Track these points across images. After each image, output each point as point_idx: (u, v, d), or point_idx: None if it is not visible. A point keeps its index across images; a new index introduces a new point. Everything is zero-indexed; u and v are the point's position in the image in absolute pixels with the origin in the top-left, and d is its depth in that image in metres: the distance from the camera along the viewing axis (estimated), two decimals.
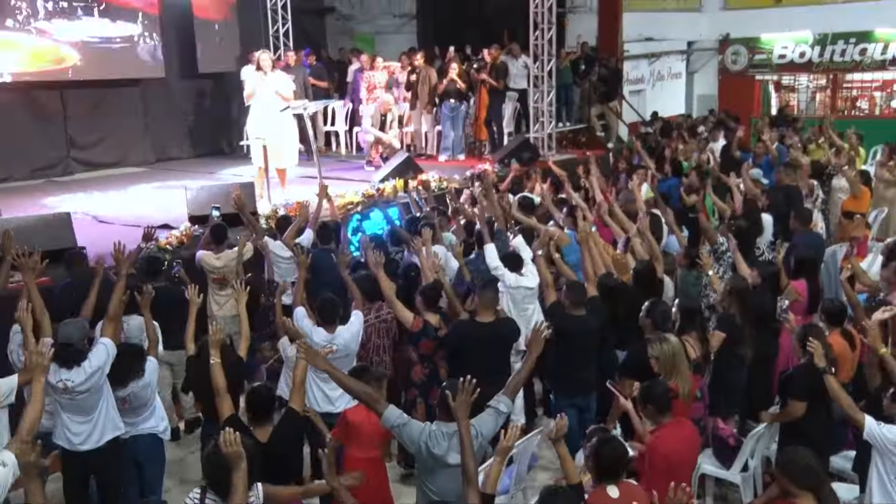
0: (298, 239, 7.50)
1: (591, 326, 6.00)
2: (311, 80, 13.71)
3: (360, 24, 19.34)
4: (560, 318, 5.92)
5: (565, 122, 15.84)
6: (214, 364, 4.67)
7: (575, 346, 5.96)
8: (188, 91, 13.84)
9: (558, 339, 6.08)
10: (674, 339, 5.04)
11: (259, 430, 4.47)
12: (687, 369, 5.08)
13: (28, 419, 3.88)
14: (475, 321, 5.81)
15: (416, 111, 13.16)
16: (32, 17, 11.62)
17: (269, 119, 9.68)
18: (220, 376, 4.64)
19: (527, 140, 12.47)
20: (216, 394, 4.60)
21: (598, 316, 6.08)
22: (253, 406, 4.53)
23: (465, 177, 10.66)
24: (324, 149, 14.26)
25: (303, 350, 4.43)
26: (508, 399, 4.41)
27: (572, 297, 5.95)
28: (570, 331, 5.90)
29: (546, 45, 12.83)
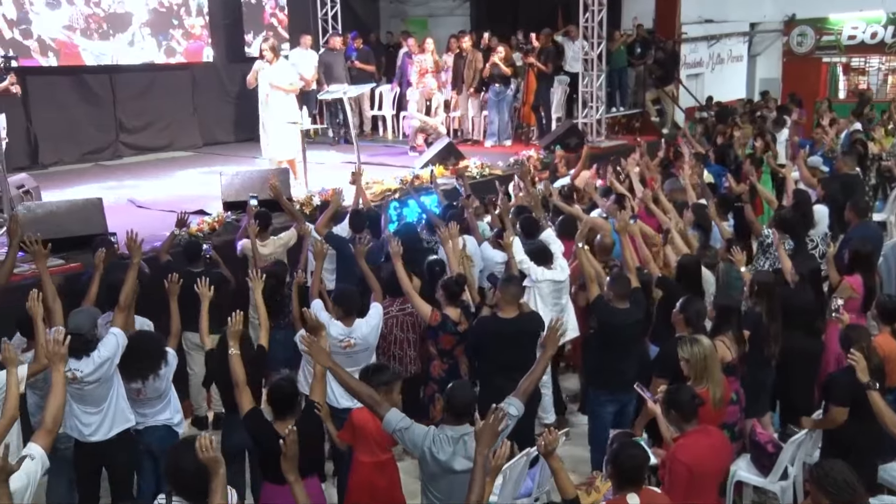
0: (336, 228, 7.36)
1: (635, 319, 5.77)
2: (358, 63, 13.64)
3: (414, 6, 19.15)
4: (604, 311, 5.73)
5: (619, 106, 15.44)
6: (234, 355, 4.54)
7: (618, 340, 5.73)
8: (236, 75, 13.77)
9: (601, 332, 5.93)
10: (706, 341, 4.75)
11: (281, 424, 4.32)
12: (720, 373, 4.79)
13: (51, 410, 3.80)
14: (497, 317, 5.61)
15: (463, 96, 12.93)
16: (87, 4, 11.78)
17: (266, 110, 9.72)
18: (240, 368, 4.51)
19: (574, 126, 12.15)
20: (235, 386, 4.48)
21: (641, 308, 5.84)
22: (275, 400, 4.39)
23: (510, 163, 10.40)
24: (370, 133, 14.21)
25: (307, 344, 4.28)
26: (519, 401, 4.21)
27: (617, 289, 5.71)
28: (615, 324, 5.70)
29: (596, 28, 12.45)
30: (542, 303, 6.62)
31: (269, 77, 9.62)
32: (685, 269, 6.37)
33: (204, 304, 5.21)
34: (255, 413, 4.34)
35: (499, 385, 5.48)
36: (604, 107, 13.07)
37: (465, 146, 12.50)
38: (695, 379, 4.71)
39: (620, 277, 5.78)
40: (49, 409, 3.78)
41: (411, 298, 5.92)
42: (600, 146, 12.30)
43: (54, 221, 6.93)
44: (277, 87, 9.63)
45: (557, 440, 3.88)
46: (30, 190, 8.15)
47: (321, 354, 4.29)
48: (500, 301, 5.60)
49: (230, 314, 5.13)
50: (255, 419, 4.30)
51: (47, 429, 3.72)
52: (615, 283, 5.73)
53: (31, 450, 3.62)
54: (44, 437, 3.71)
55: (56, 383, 3.83)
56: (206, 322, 5.19)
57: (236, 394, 4.44)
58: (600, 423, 5.77)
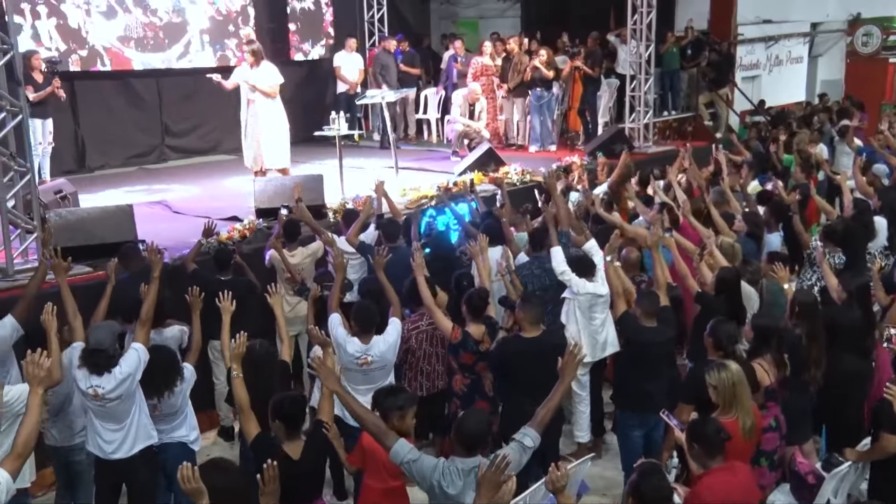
0: (361, 236, 7.23)
1: (664, 338, 5.55)
2: (403, 66, 13.54)
3: (465, 8, 18.99)
4: (632, 329, 5.52)
5: (670, 110, 15.07)
6: (236, 379, 4.40)
7: (646, 360, 5.52)
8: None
9: (628, 352, 5.69)
10: (735, 367, 4.46)
11: (290, 445, 4.19)
12: (750, 401, 4.50)
13: (23, 435, 3.66)
14: (520, 337, 5.40)
15: (508, 100, 12.71)
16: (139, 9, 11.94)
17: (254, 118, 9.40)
18: (244, 392, 4.37)
19: (620, 131, 11.84)
20: (240, 411, 4.36)
21: (670, 327, 5.60)
22: (286, 418, 4.23)
23: (552, 169, 10.12)
24: (415, 137, 14.09)
25: (315, 365, 4.13)
26: (535, 432, 4.00)
27: (645, 307, 5.50)
28: (642, 343, 5.49)
29: (645, 30, 12.11)
30: (581, 316, 6.40)
31: (252, 80, 9.30)
32: (725, 283, 6.07)
33: (225, 318, 5.09)
34: (263, 438, 4.21)
35: (523, 406, 5.27)
36: (651, 111, 12.69)
37: (509, 151, 12.30)
38: (723, 407, 4.43)
39: (648, 294, 5.56)
40: (21, 433, 3.65)
41: (432, 313, 5.73)
42: (647, 152, 11.96)
43: (85, 228, 6.94)
44: (259, 90, 9.29)
45: (566, 476, 3.65)
46: (67, 195, 8.18)
47: (329, 377, 4.15)
48: (522, 321, 5.39)
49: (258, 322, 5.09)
50: (263, 445, 4.16)
51: (17, 453, 3.60)
52: (643, 300, 5.52)
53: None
54: (12, 461, 3.58)
55: (31, 406, 3.70)
56: (228, 336, 5.06)
57: (241, 419, 4.31)
58: (630, 446, 5.53)
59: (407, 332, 5.95)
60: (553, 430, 5.53)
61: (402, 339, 5.85)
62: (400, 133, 14.07)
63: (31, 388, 3.75)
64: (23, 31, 10.73)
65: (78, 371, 4.65)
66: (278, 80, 9.28)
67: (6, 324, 5.06)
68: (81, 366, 4.63)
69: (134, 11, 11.97)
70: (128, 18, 11.92)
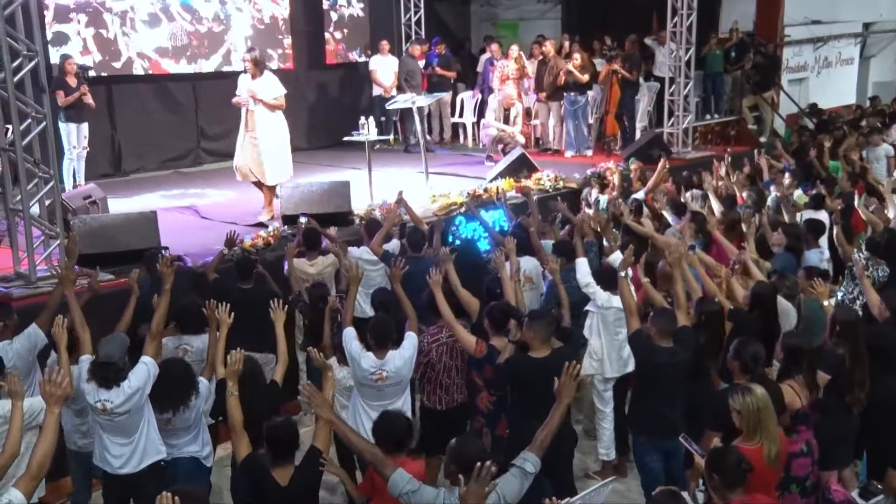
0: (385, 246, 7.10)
1: (679, 360, 5.24)
2: (439, 70, 13.44)
3: (505, 10, 18.82)
4: (644, 349, 5.25)
5: (713, 113, 14.73)
6: (232, 398, 4.30)
7: (659, 382, 5.23)
8: (315, 82, 13.80)
9: (640, 373, 5.45)
10: (759, 391, 4.23)
11: (279, 471, 4.08)
12: (776, 427, 4.26)
13: (38, 455, 3.59)
14: (528, 356, 5.14)
15: (544, 104, 12.50)
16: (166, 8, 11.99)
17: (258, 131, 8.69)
18: (238, 411, 4.28)
19: (658, 136, 11.56)
20: (231, 430, 4.26)
21: (688, 349, 5.31)
22: (272, 443, 4.14)
23: (586, 175, 9.93)
24: (450, 141, 13.96)
25: (307, 393, 3.99)
26: (535, 456, 3.83)
27: (660, 326, 5.20)
28: (655, 364, 5.20)
29: (685, 32, 11.81)
30: (605, 330, 6.21)
31: (255, 91, 8.62)
32: (759, 299, 5.81)
33: (222, 331, 4.99)
34: (252, 460, 4.10)
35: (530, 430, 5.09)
36: (691, 115, 12.38)
37: (544, 156, 12.12)
38: (747, 433, 4.20)
39: (664, 312, 5.28)
40: (36, 453, 3.57)
41: (453, 328, 5.54)
42: (685, 157, 11.67)
43: (108, 234, 6.93)
44: (261, 101, 8.57)
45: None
46: (96, 200, 8.21)
47: (322, 406, 4.01)
48: (532, 340, 5.13)
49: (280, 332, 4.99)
50: (251, 467, 4.05)
51: (32, 474, 3.52)
52: (658, 318, 5.21)
53: (10, 496, 3.43)
54: (27, 482, 3.50)
55: (47, 426, 3.61)
56: (223, 349, 4.95)
57: (232, 438, 4.21)
58: (648, 473, 5.28)
59: (427, 344, 5.79)
60: (564, 449, 5.36)
61: (422, 351, 5.69)
62: (436, 136, 13.98)
63: (49, 407, 3.68)
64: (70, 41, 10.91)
65: (86, 384, 4.58)
66: (282, 91, 8.72)
67: (30, 333, 5.03)
68: (90, 379, 4.56)
69: (178, 19, 12.05)
70: (172, 27, 12.02)
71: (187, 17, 12.17)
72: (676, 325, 5.25)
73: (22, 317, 5.33)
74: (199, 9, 12.28)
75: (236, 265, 6.64)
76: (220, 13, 12.50)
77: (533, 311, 5.38)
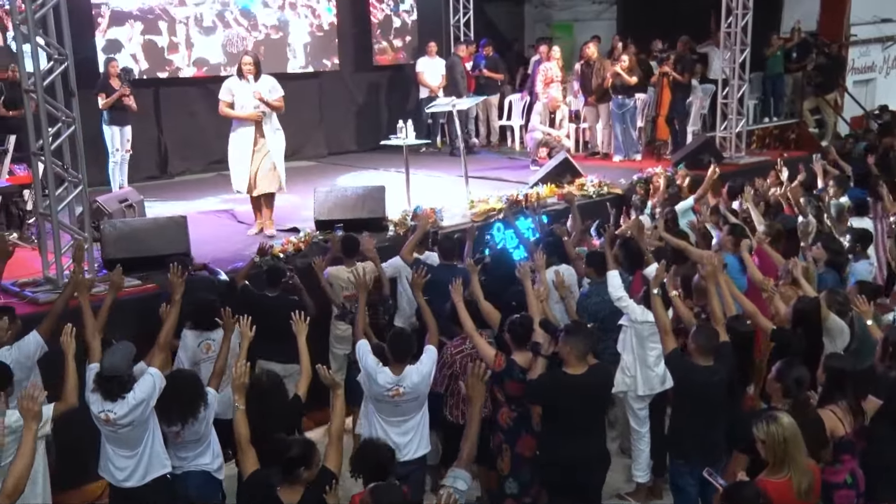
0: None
1: (720, 379, 4.98)
2: (486, 72, 13.26)
3: (559, 10, 18.54)
4: (682, 369, 5.00)
5: (772, 116, 14.21)
6: (238, 412, 4.18)
7: (701, 403, 4.97)
8: (362, 83, 13.72)
9: (679, 393, 5.18)
10: (786, 420, 3.91)
11: (287, 491, 3.94)
12: (806, 458, 3.94)
13: (13, 474, 3.51)
14: (564, 373, 4.92)
15: (592, 107, 12.19)
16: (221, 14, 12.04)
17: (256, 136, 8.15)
18: (244, 426, 4.17)
19: (709, 140, 11.14)
20: (238, 446, 4.14)
21: (727, 365, 5.04)
22: (284, 461, 3.97)
23: (632, 181, 9.61)
24: (497, 144, 13.74)
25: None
26: (464, 471, 3.68)
27: (701, 343, 4.94)
28: (696, 383, 4.95)
29: (740, 34, 11.37)
30: (638, 346, 5.95)
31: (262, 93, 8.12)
32: (802, 315, 5.46)
33: (243, 344, 4.89)
34: (258, 478, 3.95)
35: (565, 450, 4.92)
36: (745, 119, 11.92)
37: (592, 161, 11.81)
38: (773, 464, 3.91)
39: (705, 329, 5.00)
40: (12, 472, 3.48)
41: (473, 339, 5.34)
42: (738, 163, 11.23)
43: (137, 239, 6.88)
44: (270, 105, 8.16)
45: None
46: (133, 204, 8.21)
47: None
48: (568, 356, 4.91)
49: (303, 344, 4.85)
50: (257, 485, 3.91)
51: (7, 493, 3.44)
52: (699, 335, 4.95)
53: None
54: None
55: (25, 444, 3.52)
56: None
57: (238, 454, 4.08)
58: (682, 497, 5.03)
59: (451, 356, 5.61)
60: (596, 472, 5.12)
61: (447, 363, 5.52)
62: (482, 140, 13.77)
63: (26, 423, 3.60)
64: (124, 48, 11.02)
65: (91, 394, 4.51)
66: (282, 91, 8.36)
67: (30, 340, 4.98)
68: (95, 389, 4.48)
69: (234, 26, 12.09)
70: (228, 33, 12.06)
71: (244, 23, 12.19)
72: (718, 343, 4.97)
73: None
74: (258, 14, 12.29)
75: (266, 272, 6.51)
76: (278, 19, 12.51)
77: (569, 325, 5.15)
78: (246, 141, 8.15)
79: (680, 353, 5.08)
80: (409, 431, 5.01)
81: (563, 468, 4.96)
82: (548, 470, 5.06)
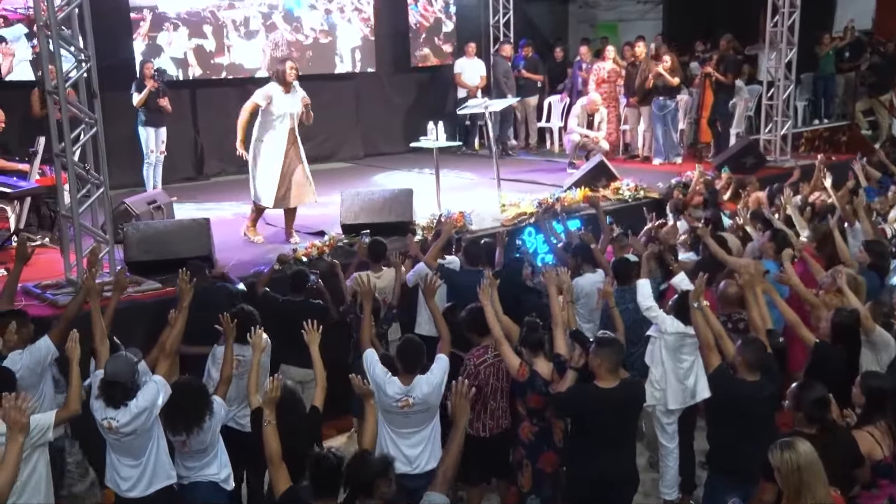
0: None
1: (769, 394, 4.72)
2: (525, 73, 13.07)
3: (604, 11, 18.24)
4: (729, 384, 4.74)
5: (822, 118, 13.75)
6: (269, 427, 4.07)
7: (748, 420, 4.70)
8: (400, 85, 13.60)
9: (724, 411, 4.88)
10: (803, 448, 3.62)
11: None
12: (826, 488, 3.66)
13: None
14: (594, 386, 4.72)
15: (634, 108, 11.90)
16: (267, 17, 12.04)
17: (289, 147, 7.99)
18: (275, 442, 4.05)
19: (752, 143, 10.78)
20: (269, 462, 4.03)
21: (775, 381, 4.79)
22: (316, 478, 3.84)
23: (670, 184, 9.32)
24: (535, 146, 13.52)
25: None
26: (440, 495, 3.58)
27: (749, 357, 4.67)
28: (743, 400, 4.69)
29: (786, 33, 10.99)
30: (668, 357, 5.72)
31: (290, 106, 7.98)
32: (840, 329, 5.16)
33: (255, 356, 4.78)
34: (292, 495, 3.82)
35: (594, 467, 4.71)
36: (791, 121, 11.52)
37: (631, 164, 11.52)
38: (789, 496, 3.63)
39: (753, 343, 4.72)
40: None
41: (501, 346, 5.13)
42: (782, 166, 10.85)
43: (159, 241, 6.83)
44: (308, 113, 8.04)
45: None
46: (161, 206, 8.18)
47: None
48: (598, 369, 4.72)
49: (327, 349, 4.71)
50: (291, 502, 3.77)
51: None
52: (746, 349, 4.68)
53: None
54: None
55: (9, 455, 3.41)
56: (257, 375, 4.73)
57: (270, 471, 3.96)
58: None
59: (474, 366, 5.42)
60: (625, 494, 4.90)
61: (470, 374, 5.34)
62: (521, 141, 13.57)
63: (11, 434, 3.48)
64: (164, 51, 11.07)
65: (95, 401, 4.43)
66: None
67: (41, 346, 4.91)
68: (98, 396, 4.40)
69: (280, 30, 12.08)
70: (273, 36, 12.04)
71: (288, 26, 12.17)
72: (765, 357, 4.72)
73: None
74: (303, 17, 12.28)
75: (291, 277, 6.43)
76: (324, 22, 12.48)
77: (600, 337, 4.93)
78: (278, 150, 7.96)
79: (725, 370, 4.81)
80: (420, 443, 4.84)
81: (591, 484, 4.77)
82: (575, 485, 4.88)
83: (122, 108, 9.90)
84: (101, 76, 5.94)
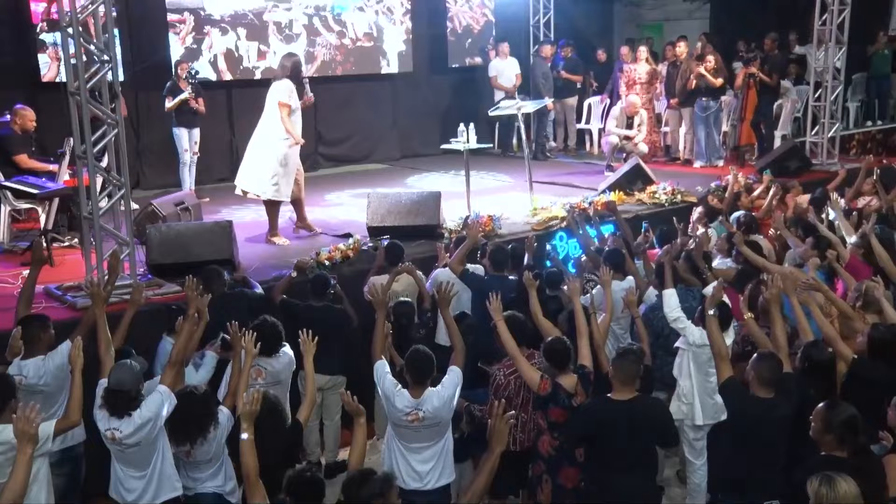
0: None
1: (781, 414, 4.47)
2: (564, 74, 12.81)
3: (649, 10, 17.89)
4: (738, 399, 4.53)
5: (876, 120, 13.26)
6: (246, 442, 3.91)
7: (756, 439, 4.48)
8: (437, 86, 13.44)
9: (732, 426, 4.69)
10: (844, 487, 3.36)
11: None
12: None
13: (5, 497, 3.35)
14: (610, 399, 4.57)
15: (675, 110, 11.58)
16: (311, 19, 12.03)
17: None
18: (252, 457, 3.90)
19: (796, 146, 10.38)
20: (245, 479, 3.89)
21: (790, 399, 4.52)
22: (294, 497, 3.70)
23: (709, 189, 9.01)
24: (574, 149, 13.26)
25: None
26: None
27: (762, 372, 4.46)
28: (752, 417, 4.46)
29: (835, 31, 10.57)
30: (697, 371, 5.51)
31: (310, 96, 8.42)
32: (877, 345, 4.87)
33: (247, 361, 4.65)
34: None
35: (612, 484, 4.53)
36: (839, 124, 11.08)
37: (671, 166, 11.21)
38: None
39: (768, 358, 4.50)
40: (4, 495, 3.30)
41: (517, 361, 4.98)
42: (828, 170, 10.43)
43: (182, 244, 6.74)
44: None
45: None
46: (189, 207, 8.14)
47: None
48: (613, 380, 4.57)
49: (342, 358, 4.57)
50: None
51: None
52: (760, 364, 4.46)
53: None
54: None
55: (18, 467, 3.33)
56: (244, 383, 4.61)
57: (246, 488, 3.82)
58: None
59: (504, 377, 5.24)
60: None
61: (500, 385, 5.17)
62: (560, 143, 13.32)
63: (20, 446, 3.42)
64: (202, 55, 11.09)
65: (98, 411, 4.34)
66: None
67: (63, 351, 4.82)
68: (102, 405, 4.31)
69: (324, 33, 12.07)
70: (320, 39, 12.03)
71: (335, 28, 12.16)
72: (781, 374, 4.46)
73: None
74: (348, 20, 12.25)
75: (311, 282, 6.32)
76: (371, 25, 12.45)
77: (620, 348, 4.79)
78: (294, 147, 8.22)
79: (735, 383, 4.59)
80: (431, 459, 4.67)
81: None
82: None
83: (160, 110, 9.94)
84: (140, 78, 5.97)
